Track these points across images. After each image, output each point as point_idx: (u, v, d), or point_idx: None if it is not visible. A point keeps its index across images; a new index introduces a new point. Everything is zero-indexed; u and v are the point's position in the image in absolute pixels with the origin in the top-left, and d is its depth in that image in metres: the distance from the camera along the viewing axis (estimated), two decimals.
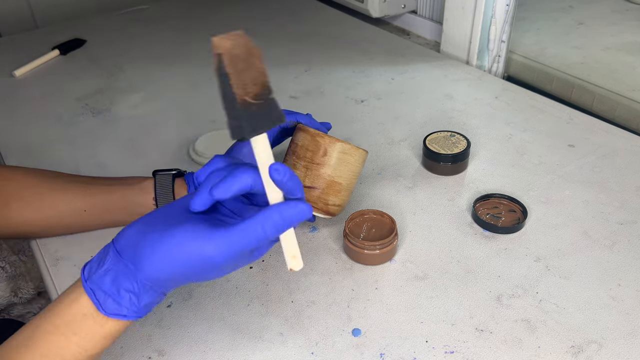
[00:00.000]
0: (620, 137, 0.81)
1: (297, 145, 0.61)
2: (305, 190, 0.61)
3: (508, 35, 0.99)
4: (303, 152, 0.61)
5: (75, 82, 1.03)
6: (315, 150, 0.60)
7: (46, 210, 0.63)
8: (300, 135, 0.61)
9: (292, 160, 0.62)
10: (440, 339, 0.53)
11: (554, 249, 0.62)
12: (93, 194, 0.63)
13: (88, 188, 0.63)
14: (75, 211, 0.63)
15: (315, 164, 0.60)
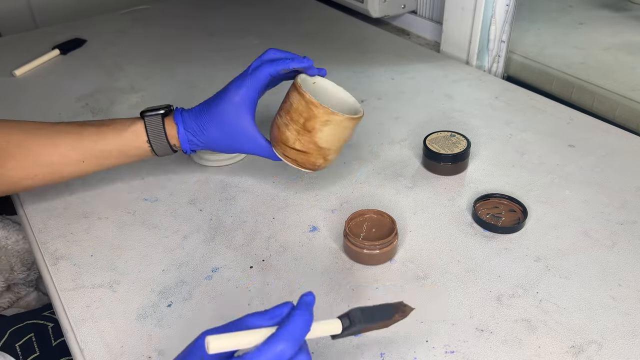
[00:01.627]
0: (620, 137, 0.81)
1: (292, 106, 0.61)
2: (295, 151, 0.63)
3: (508, 35, 0.99)
4: (296, 117, 0.61)
5: (75, 81, 1.03)
6: (308, 117, 0.60)
7: (43, 166, 0.63)
8: (295, 97, 0.61)
9: (285, 120, 0.62)
10: (440, 339, 0.53)
11: (554, 249, 0.62)
12: (86, 145, 0.64)
13: (80, 139, 0.64)
14: (72, 162, 0.64)
15: (307, 131, 0.61)
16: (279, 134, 0.63)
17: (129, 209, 0.71)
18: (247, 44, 1.15)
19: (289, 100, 0.61)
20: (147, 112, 0.65)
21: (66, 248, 0.66)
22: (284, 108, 0.62)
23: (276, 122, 0.63)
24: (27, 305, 0.87)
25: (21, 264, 0.88)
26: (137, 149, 0.65)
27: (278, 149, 0.64)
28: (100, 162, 0.65)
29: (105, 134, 0.64)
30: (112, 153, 0.65)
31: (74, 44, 1.15)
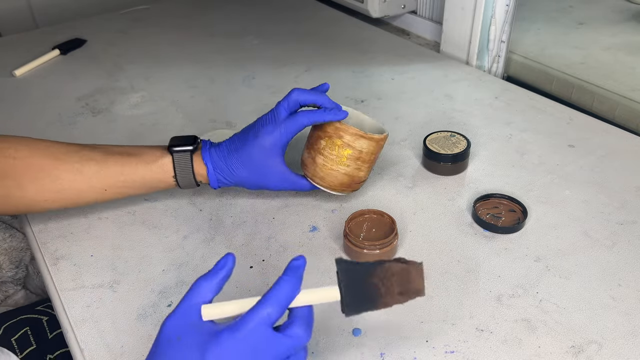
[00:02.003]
0: (620, 137, 0.81)
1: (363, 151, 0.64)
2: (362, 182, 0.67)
3: (508, 36, 0.99)
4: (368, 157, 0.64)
5: (75, 82, 1.03)
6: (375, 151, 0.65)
7: (66, 192, 0.63)
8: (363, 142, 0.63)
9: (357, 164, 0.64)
10: (440, 339, 0.53)
11: (554, 249, 0.62)
12: (111, 174, 0.63)
13: (104, 167, 0.63)
14: (95, 190, 0.63)
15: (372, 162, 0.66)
16: (352, 178, 0.65)
17: (129, 209, 0.71)
18: (247, 44, 1.15)
19: (356, 147, 0.63)
20: (175, 147, 0.64)
21: (66, 248, 0.66)
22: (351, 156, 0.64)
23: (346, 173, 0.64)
24: (16, 304, 0.87)
25: (9, 262, 0.88)
26: (161, 182, 0.65)
27: (349, 190, 0.67)
28: (123, 191, 0.65)
29: (131, 165, 0.63)
30: (135, 184, 0.64)
31: (74, 44, 1.15)
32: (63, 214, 0.70)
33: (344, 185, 0.66)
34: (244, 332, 0.41)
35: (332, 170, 0.64)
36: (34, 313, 0.75)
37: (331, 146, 0.63)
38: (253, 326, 0.41)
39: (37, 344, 0.70)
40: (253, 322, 0.41)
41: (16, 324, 0.72)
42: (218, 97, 0.96)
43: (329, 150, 0.63)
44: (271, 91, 0.97)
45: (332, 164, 0.64)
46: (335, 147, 0.63)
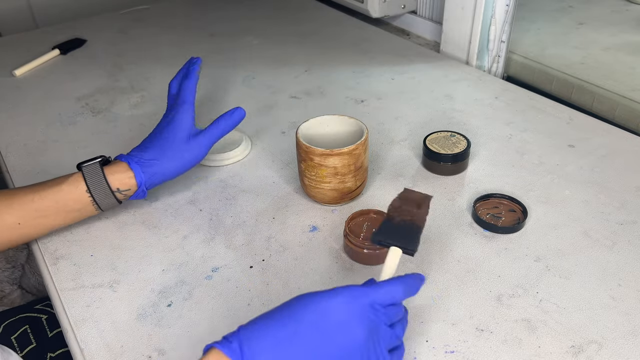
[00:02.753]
0: (620, 137, 0.81)
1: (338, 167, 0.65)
2: (357, 190, 0.69)
3: (508, 36, 0.99)
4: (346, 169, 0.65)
5: (76, 81, 1.03)
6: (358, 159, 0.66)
7: None
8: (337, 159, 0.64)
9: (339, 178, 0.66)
10: (440, 339, 0.53)
11: (554, 249, 0.62)
12: (22, 205, 0.60)
13: (15, 201, 0.60)
14: (9, 225, 0.61)
15: (358, 169, 0.67)
16: (340, 191, 0.67)
17: (129, 209, 0.71)
18: (247, 44, 1.15)
19: (329, 165, 0.64)
20: (83, 163, 0.63)
21: (66, 248, 0.66)
22: (329, 174, 0.65)
23: (332, 189, 0.66)
24: (12, 303, 0.87)
25: (5, 262, 0.88)
26: (76, 202, 0.62)
27: (345, 200, 0.69)
28: (39, 221, 0.61)
29: (42, 191, 0.61)
30: (50, 210, 0.61)
31: (74, 44, 1.16)
32: None
33: (336, 199, 0.68)
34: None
35: (318, 188, 0.67)
36: (32, 312, 0.75)
37: (309, 168, 0.65)
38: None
39: (37, 342, 0.70)
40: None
41: (15, 323, 0.72)
42: (218, 97, 0.96)
43: (309, 171, 0.66)
44: (271, 91, 0.97)
45: (316, 183, 0.66)
46: (312, 168, 0.65)
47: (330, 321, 0.42)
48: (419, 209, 0.54)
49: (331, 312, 0.43)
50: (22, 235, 0.62)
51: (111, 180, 0.63)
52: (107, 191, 0.63)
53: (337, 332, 0.42)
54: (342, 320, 0.42)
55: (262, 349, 0.41)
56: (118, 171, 0.63)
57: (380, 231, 0.52)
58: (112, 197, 0.63)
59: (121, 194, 0.64)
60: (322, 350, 0.42)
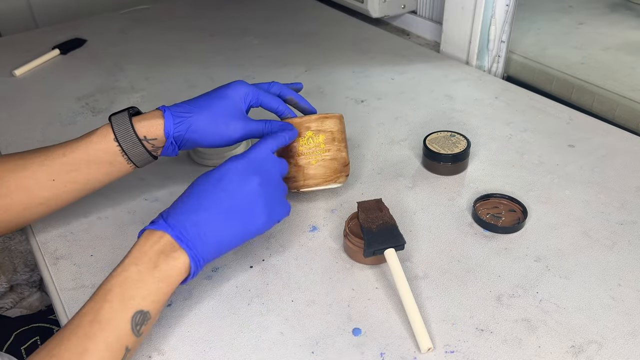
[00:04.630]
0: (620, 137, 0.81)
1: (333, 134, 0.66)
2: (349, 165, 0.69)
3: (508, 36, 0.99)
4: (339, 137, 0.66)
5: (76, 81, 1.03)
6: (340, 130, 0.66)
7: (14, 192, 0.60)
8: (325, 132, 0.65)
9: (337, 146, 0.66)
10: (440, 339, 0.53)
11: (554, 249, 0.62)
12: (54, 160, 0.60)
13: (47, 157, 0.60)
14: (43, 183, 0.60)
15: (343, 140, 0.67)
16: (338, 160, 0.66)
17: (129, 208, 0.71)
18: (247, 44, 1.15)
19: (327, 129, 0.65)
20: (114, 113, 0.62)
21: (66, 248, 0.66)
22: (327, 140, 0.65)
23: (332, 158, 0.66)
24: (30, 306, 0.87)
25: (24, 265, 0.88)
26: (104, 151, 0.60)
27: (343, 175, 0.67)
28: (72, 176, 0.61)
29: (73, 144, 0.61)
30: (81, 162, 0.60)
31: (74, 44, 1.16)
32: (62, 213, 0.70)
33: (337, 171, 0.66)
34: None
35: (318, 162, 0.65)
36: (46, 322, 0.74)
37: (305, 143, 0.65)
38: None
39: None
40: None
41: (27, 332, 0.72)
42: None
43: (306, 147, 0.65)
44: None
45: (315, 155, 0.65)
46: (309, 139, 0.65)
47: (226, 182, 0.54)
48: (381, 212, 0.62)
49: (223, 177, 0.54)
50: (58, 194, 0.61)
51: (138, 127, 0.60)
52: (134, 139, 0.60)
53: (234, 188, 0.53)
54: (233, 179, 0.54)
55: (179, 215, 0.52)
56: (147, 118, 0.61)
57: (369, 244, 0.58)
58: (140, 146, 0.61)
59: (149, 143, 0.61)
60: (227, 204, 0.53)
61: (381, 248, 0.57)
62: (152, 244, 0.50)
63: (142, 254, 0.49)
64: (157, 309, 0.49)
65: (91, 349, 0.45)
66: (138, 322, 0.47)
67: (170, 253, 0.50)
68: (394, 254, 0.57)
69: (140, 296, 0.48)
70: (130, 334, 0.47)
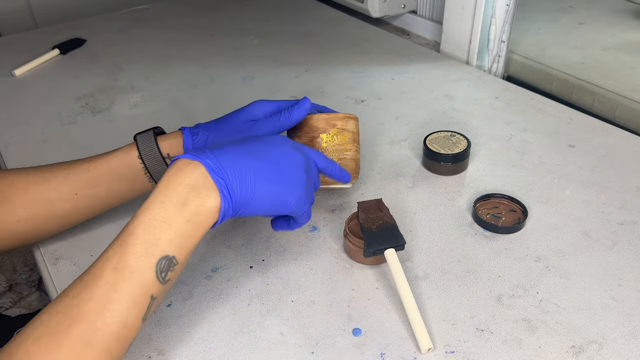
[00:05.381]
0: (621, 137, 0.81)
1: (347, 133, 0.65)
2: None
3: (508, 35, 0.99)
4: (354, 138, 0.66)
5: (75, 81, 1.03)
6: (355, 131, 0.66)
7: (36, 204, 0.60)
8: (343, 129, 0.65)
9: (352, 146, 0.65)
10: (440, 339, 0.53)
11: (555, 249, 0.62)
12: (77, 175, 0.60)
13: (70, 171, 0.61)
14: (65, 196, 0.60)
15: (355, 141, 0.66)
16: (356, 161, 0.66)
17: (128, 208, 0.71)
18: (247, 44, 1.15)
19: (349, 129, 0.64)
20: (139, 133, 0.63)
21: (66, 248, 0.66)
22: (349, 139, 0.65)
23: (352, 158, 0.65)
24: (29, 306, 0.87)
25: (23, 264, 0.88)
26: (128, 167, 0.61)
27: (357, 176, 0.67)
28: (94, 191, 0.61)
29: (96, 160, 0.61)
30: (103, 178, 0.61)
31: (73, 44, 1.15)
32: None
33: (353, 171, 0.66)
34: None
35: (341, 160, 0.64)
36: None
37: (330, 139, 0.64)
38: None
39: None
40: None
41: None
42: (218, 97, 0.96)
43: (330, 143, 0.64)
44: (271, 91, 0.97)
45: (339, 154, 0.64)
46: (334, 137, 0.64)
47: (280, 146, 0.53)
48: (381, 212, 0.61)
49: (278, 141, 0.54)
50: (79, 207, 0.61)
51: (162, 145, 0.61)
52: (158, 157, 0.61)
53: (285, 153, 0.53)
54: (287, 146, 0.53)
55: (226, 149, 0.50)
56: (170, 137, 0.62)
57: (369, 244, 0.58)
58: (162, 164, 0.61)
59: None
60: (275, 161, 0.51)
61: (381, 248, 0.57)
62: (183, 177, 0.46)
63: (170, 188, 0.46)
64: (184, 253, 0.46)
65: (115, 299, 0.43)
66: (163, 268, 0.45)
67: (202, 189, 0.46)
68: (394, 254, 0.57)
69: (166, 240, 0.45)
70: (156, 282, 0.45)
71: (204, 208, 0.46)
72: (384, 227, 0.60)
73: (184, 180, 0.46)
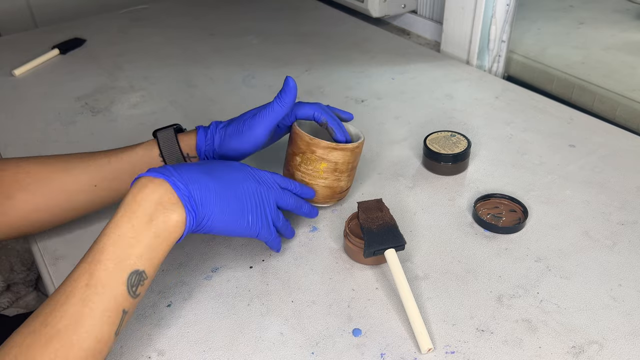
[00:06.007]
0: (621, 137, 0.81)
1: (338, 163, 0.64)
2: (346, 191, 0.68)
3: (508, 35, 0.98)
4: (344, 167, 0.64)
5: (75, 81, 1.03)
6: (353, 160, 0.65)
7: (55, 194, 0.60)
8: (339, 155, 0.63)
9: (335, 175, 0.64)
10: (441, 339, 0.53)
11: (555, 249, 0.62)
12: (98, 167, 0.62)
13: (91, 163, 0.62)
14: (85, 187, 0.61)
15: (353, 169, 0.66)
16: (333, 189, 0.65)
17: None
18: (247, 44, 1.15)
19: (331, 159, 0.63)
20: (159, 129, 0.64)
21: (66, 248, 0.66)
22: (327, 169, 0.64)
23: (326, 185, 0.65)
24: (27, 306, 0.87)
25: (21, 264, 0.88)
26: (148, 164, 0.63)
27: (333, 200, 0.67)
28: (113, 185, 0.62)
29: (117, 154, 0.63)
30: (124, 172, 0.62)
31: (73, 44, 1.15)
32: None
33: (327, 197, 0.66)
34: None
35: (312, 184, 0.64)
36: None
37: (306, 162, 0.64)
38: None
39: None
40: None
41: None
42: (218, 97, 0.96)
43: (305, 165, 0.64)
44: (271, 91, 0.97)
45: (310, 178, 0.64)
46: (311, 162, 0.63)
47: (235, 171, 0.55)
48: (382, 212, 0.61)
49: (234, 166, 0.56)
50: (98, 198, 0.62)
51: (183, 146, 0.63)
52: (179, 156, 0.63)
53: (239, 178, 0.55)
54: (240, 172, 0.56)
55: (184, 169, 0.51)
56: (189, 136, 0.64)
57: (369, 244, 0.58)
58: (182, 160, 0.63)
59: (191, 160, 0.64)
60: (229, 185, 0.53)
61: (381, 248, 0.57)
62: (149, 193, 0.48)
63: (137, 204, 0.48)
64: (153, 267, 0.48)
65: (87, 315, 0.44)
66: (134, 282, 0.46)
67: (167, 205, 0.48)
68: (394, 254, 0.57)
69: (136, 255, 0.47)
70: (127, 296, 0.46)
71: (171, 222, 0.48)
72: (384, 227, 0.59)
73: (150, 197, 0.48)
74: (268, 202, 0.57)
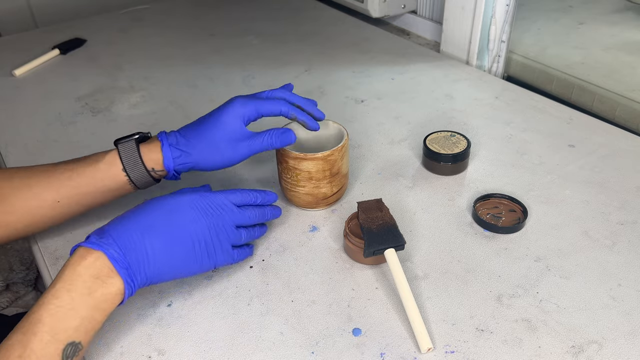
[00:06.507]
0: (621, 137, 0.81)
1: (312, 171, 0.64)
2: (333, 196, 0.68)
3: (508, 35, 0.99)
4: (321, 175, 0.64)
5: (75, 81, 1.03)
6: (333, 165, 0.65)
7: (18, 212, 0.59)
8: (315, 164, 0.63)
9: (313, 183, 0.65)
10: (440, 339, 0.53)
11: (554, 249, 0.62)
12: (60, 182, 0.60)
13: (54, 179, 0.60)
14: (47, 204, 0.60)
15: (335, 174, 0.66)
16: (315, 196, 0.66)
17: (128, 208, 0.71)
18: (247, 44, 1.15)
19: (303, 169, 0.63)
20: (120, 140, 0.62)
21: (66, 248, 0.66)
22: (303, 177, 0.64)
23: (307, 193, 0.66)
24: (26, 305, 0.87)
25: (20, 263, 0.88)
26: (112, 179, 0.61)
27: (321, 206, 0.68)
28: (77, 200, 0.61)
29: (79, 168, 0.60)
30: (88, 187, 0.60)
31: (73, 44, 1.15)
32: None
33: (311, 203, 0.67)
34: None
35: (294, 192, 0.66)
36: None
37: (285, 171, 0.65)
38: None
39: None
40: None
41: None
42: (218, 97, 0.96)
43: (285, 174, 0.66)
44: None
45: (291, 186, 0.66)
46: (287, 171, 0.65)
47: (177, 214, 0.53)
48: (382, 212, 0.61)
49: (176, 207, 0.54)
50: (62, 213, 0.62)
51: (146, 160, 0.61)
52: (143, 171, 0.61)
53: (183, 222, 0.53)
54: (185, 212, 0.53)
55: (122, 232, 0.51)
56: (153, 151, 0.61)
57: (369, 244, 0.58)
58: (148, 177, 0.62)
59: (156, 173, 0.62)
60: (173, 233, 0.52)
61: (381, 248, 0.57)
62: (87, 266, 0.48)
63: (76, 276, 0.48)
64: (88, 338, 0.48)
65: None
66: (69, 354, 0.46)
67: (106, 279, 0.48)
68: (394, 254, 0.57)
69: (73, 327, 0.46)
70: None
71: (110, 295, 0.49)
72: (384, 227, 0.60)
73: (88, 271, 0.48)
74: (224, 230, 0.55)
